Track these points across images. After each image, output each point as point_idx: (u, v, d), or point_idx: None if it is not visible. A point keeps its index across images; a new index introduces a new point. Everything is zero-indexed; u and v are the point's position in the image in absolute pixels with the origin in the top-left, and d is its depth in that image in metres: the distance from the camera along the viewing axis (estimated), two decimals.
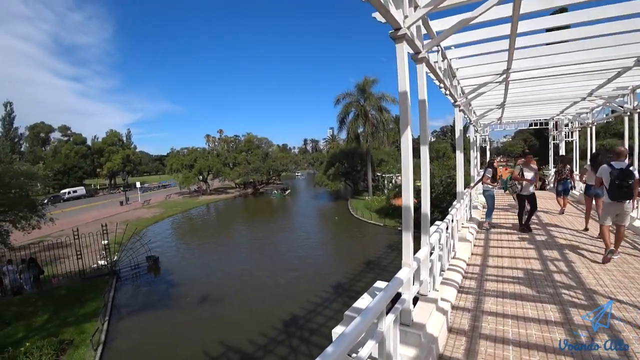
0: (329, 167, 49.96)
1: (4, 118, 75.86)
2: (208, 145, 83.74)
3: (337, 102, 43.52)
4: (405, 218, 3.92)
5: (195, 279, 18.82)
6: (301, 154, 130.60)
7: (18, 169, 13.39)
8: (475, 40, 6.66)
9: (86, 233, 20.20)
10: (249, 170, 61.23)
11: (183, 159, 62.79)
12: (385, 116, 42.43)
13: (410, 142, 3.88)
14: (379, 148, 49.84)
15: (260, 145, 73.98)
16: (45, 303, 15.03)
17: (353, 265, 19.36)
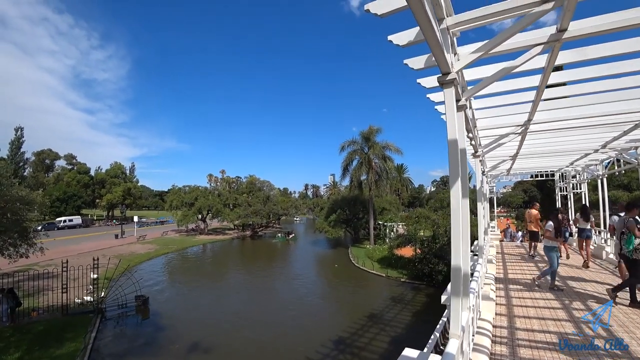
0: (330, 214, 49.36)
1: (12, 142, 76.73)
2: (210, 184, 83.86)
3: (342, 149, 44.15)
4: (455, 281, 3.47)
5: (186, 324, 17.56)
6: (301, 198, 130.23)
7: (16, 194, 12.93)
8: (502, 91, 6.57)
9: (76, 265, 19.30)
10: (249, 212, 60.49)
11: (184, 197, 62.33)
12: (388, 165, 42.72)
13: (460, 195, 3.52)
14: (381, 196, 49.60)
15: (262, 187, 73.85)
16: (20, 339, 13.89)
17: (354, 317, 18.17)
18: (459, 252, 3.47)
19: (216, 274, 31.83)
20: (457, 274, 3.46)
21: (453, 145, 3.59)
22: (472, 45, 4.63)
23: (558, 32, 3.86)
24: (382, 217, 46.58)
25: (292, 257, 42.80)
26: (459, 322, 3.40)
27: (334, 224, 46.80)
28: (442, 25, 3.67)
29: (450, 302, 4.64)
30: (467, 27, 3.90)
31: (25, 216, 13.39)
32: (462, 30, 4.01)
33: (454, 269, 3.53)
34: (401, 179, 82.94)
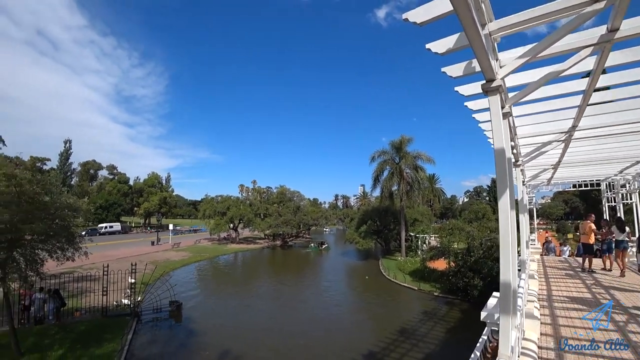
0: (360, 224, 48.92)
1: (61, 153, 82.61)
2: (241, 194, 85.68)
3: (372, 159, 43.78)
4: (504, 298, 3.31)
5: (216, 331, 17.76)
6: (331, 209, 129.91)
7: (64, 201, 13.68)
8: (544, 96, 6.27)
9: (115, 269, 20.17)
10: (280, 222, 61.02)
11: (216, 206, 63.83)
12: (420, 175, 41.77)
13: (509, 207, 3.36)
14: (412, 207, 48.61)
15: (292, 198, 74.50)
16: (64, 337, 14.66)
17: (385, 331, 17.69)
18: (508, 267, 3.29)
19: (247, 282, 32.16)
20: (507, 290, 3.28)
21: (500, 154, 3.47)
22: (513, 51, 4.47)
23: (609, 33, 3.65)
24: (413, 229, 45.53)
25: (322, 267, 42.56)
26: (508, 342, 3.21)
27: (365, 235, 46.29)
28: (484, 31, 3.57)
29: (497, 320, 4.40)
30: (509, 32, 3.78)
31: (72, 222, 14.10)
32: (503, 36, 3.90)
33: (503, 284, 3.34)
34: (433, 189, 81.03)
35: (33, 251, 12.49)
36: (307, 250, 57.56)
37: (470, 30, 2.78)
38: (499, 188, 3.50)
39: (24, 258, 12.14)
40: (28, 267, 12.12)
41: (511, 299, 3.36)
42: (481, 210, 31.75)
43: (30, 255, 12.32)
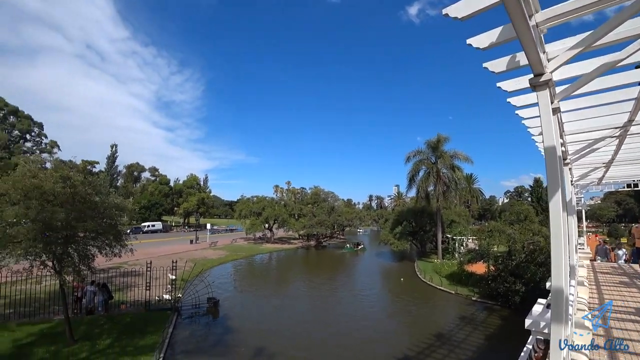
0: (395, 226, 48.16)
1: (108, 157, 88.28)
2: (276, 195, 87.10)
3: (407, 159, 42.93)
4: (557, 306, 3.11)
5: (252, 328, 18.12)
6: (365, 209, 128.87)
7: (112, 201, 14.50)
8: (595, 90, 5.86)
9: (157, 266, 21.11)
10: (314, 222, 61.35)
11: (252, 206, 65.22)
12: (457, 175, 40.42)
13: (561, 208, 3.17)
14: (449, 208, 47.24)
15: (327, 199, 74.63)
16: (111, 327, 15.58)
17: (421, 335, 17.28)
18: (560, 273, 3.09)
19: (281, 282, 32.60)
20: (559, 298, 3.08)
21: (550, 152, 3.29)
22: (560, 43, 4.19)
23: None
24: (450, 230, 44.26)
25: (356, 268, 42.35)
26: (560, 354, 3.04)
27: (400, 236, 45.50)
28: (531, 22, 3.41)
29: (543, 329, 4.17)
30: (556, 23, 3.55)
31: (119, 221, 14.93)
32: (550, 27, 3.68)
33: (555, 291, 3.15)
34: (471, 189, 78.04)
35: (85, 247, 13.31)
36: (343, 250, 57.50)
37: (519, 22, 2.67)
38: (550, 188, 3.31)
39: (77, 253, 12.97)
40: (81, 262, 12.93)
41: (564, 308, 3.15)
42: (523, 211, 30.04)
43: (83, 251, 13.14)
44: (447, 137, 40.62)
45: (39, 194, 11.88)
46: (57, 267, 12.57)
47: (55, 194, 12.16)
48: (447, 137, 40.62)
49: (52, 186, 12.06)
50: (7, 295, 16.91)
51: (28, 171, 12.47)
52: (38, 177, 12.15)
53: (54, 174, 12.56)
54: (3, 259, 11.54)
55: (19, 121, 69.24)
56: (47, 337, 14.01)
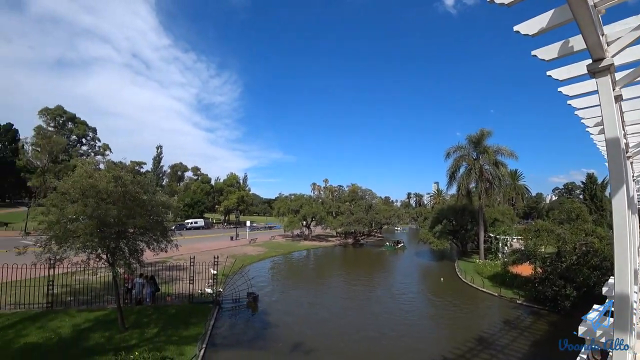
0: (435, 224, 46.93)
1: (154, 158, 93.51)
2: (313, 193, 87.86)
3: (447, 155, 41.45)
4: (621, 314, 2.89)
5: (290, 324, 18.50)
6: (404, 207, 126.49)
7: (158, 199, 15.35)
8: None
9: (200, 261, 22.05)
10: (352, 220, 61.25)
11: (290, 204, 66.18)
12: (501, 171, 38.27)
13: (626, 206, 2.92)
14: (492, 206, 45.31)
15: (364, 196, 74.21)
16: (158, 317, 16.59)
17: (461, 338, 16.76)
18: (625, 277, 2.83)
19: (319, 279, 32.92)
20: (623, 304, 2.85)
21: (613, 145, 3.04)
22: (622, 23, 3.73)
23: None
24: (493, 229, 42.39)
25: (394, 267, 41.85)
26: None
27: (439, 235, 44.29)
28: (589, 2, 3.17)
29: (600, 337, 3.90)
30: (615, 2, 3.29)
31: (165, 218, 15.77)
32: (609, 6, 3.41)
33: (619, 298, 2.92)
34: (515, 186, 74.02)
35: (135, 242, 14.26)
36: (382, 248, 57.03)
37: (576, 3, 2.51)
38: (613, 184, 3.08)
39: (127, 248, 13.93)
40: (131, 256, 13.89)
41: (629, 316, 2.91)
42: (575, 210, 27.91)
43: (133, 246, 14.10)
44: (490, 132, 38.79)
45: (94, 193, 12.86)
46: (110, 260, 13.59)
47: (108, 193, 13.11)
48: (490, 132, 38.79)
49: (106, 185, 13.01)
50: (67, 285, 18.68)
51: (85, 172, 13.53)
52: (93, 177, 13.16)
53: (107, 174, 13.54)
54: (64, 252, 12.61)
55: (76, 127, 75.63)
56: (101, 324, 15.18)
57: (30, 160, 57.48)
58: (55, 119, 72.68)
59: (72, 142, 75.34)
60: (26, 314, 15.85)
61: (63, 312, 16.33)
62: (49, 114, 71.72)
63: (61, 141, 60.11)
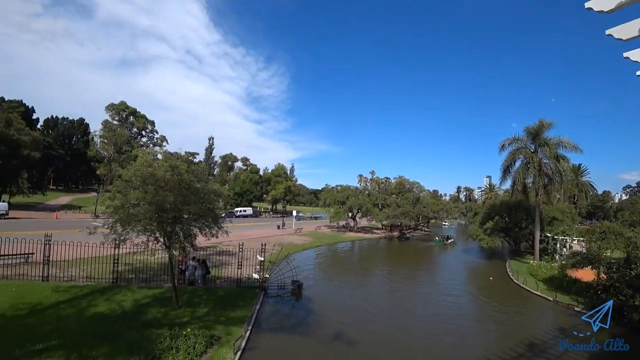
0: (486, 220, 44.80)
1: (207, 148, 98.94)
2: (360, 184, 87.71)
3: (502, 148, 38.86)
4: None
5: (332, 313, 18.74)
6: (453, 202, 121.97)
7: (210, 188, 16.24)
8: None
9: (248, 248, 23.06)
10: (398, 213, 60.40)
11: (336, 195, 66.59)
12: (562, 165, 35.15)
13: None
14: (551, 203, 42.23)
15: (412, 189, 72.76)
16: (208, 298, 17.72)
17: (510, 343, 15.61)
18: None
19: (363, 271, 33.02)
20: None
21: None
22: None
23: None
24: (551, 229, 39.50)
25: (440, 263, 40.84)
26: None
27: (490, 232, 42.21)
28: None
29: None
30: None
31: (216, 205, 16.69)
32: None
33: None
34: (578, 182, 67.90)
35: (189, 227, 15.29)
36: (431, 243, 55.85)
37: None
38: None
39: (182, 232, 14.96)
40: (185, 240, 14.92)
41: None
42: None
43: (187, 230, 15.13)
44: (551, 123, 35.67)
45: (153, 181, 13.94)
46: (166, 243, 14.71)
47: (165, 181, 14.13)
48: (551, 123, 35.67)
49: (163, 174, 14.02)
50: (130, 263, 20.85)
51: (145, 161, 14.68)
52: (152, 167, 14.25)
53: (164, 164, 14.58)
54: (127, 233, 13.89)
55: (137, 120, 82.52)
56: (158, 300, 16.57)
57: (99, 151, 63.25)
58: (119, 114, 79.70)
59: (134, 134, 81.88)
60: (95, 287, 17.76)
61: (126, 288, 18.08)
62: (114, 109, 78.84)
63: (124, 133, 65.32)
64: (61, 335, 11.99)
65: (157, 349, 11.20)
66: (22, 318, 13.38)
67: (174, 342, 11.59)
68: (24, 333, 11.95)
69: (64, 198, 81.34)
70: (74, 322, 13.33)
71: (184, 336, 12.05)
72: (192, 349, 11.40)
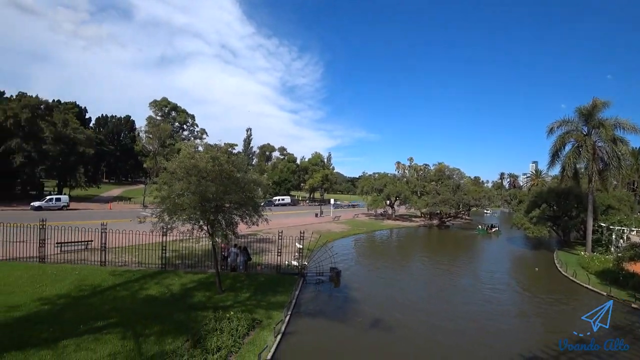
0: (532, 208, 42.49)
1: (245, 139, 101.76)
2: (397, 171, 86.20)
3: (550, 131, 35.97)
4: None
5: (370, 301, 18.78)
6: (496, 189, 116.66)
7: (250, 177, 16.74)
8: None
9: (287, 235, 23.62)
10: (438, 200, 58.96)
11: (373, 183, 66.13)
12: (621, 149, 31.94)
13: None
14: (606, 190, 39.09)
15: (452, 176, 70.55)
16: (249, 284, 18.46)
17: (554, 337, 14.13)
18: None
19: (401, 259, 32.76)
20: None
21: None
22: None
23: None
24: (605, 218, 36.64)
25: (482, 252, 39.57)
26: None
27: (537, 221, 40.06)
28: None
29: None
30: None
31: (256, 194, 17.21)
32: None
33: None
34: (639, 168, 62.22)
35: (230, 215, 15.98)
36: (474, 232, 54.27)
37: None
38: None
39: (224, 220, 15.68)
40: (227, 227, 15.64)
41: None
42: None
43: (229, 219, 15.84)
44: (606, 102, 32.36)
45: (196, 172, 14.62)
46: (210, 231, 15.45)
47: (207, 172, 14.76)
48: (606, 102, 32.36)
49: (205, 165, 14.65)
50: (176, 250, 22.26)
51: (188, 154, 15.41)
52: (195, 158, 14.93)
53: (206, 155, 15.20)
54: (174, 222, 14.73)
55: (178, 115, 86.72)
56: (203, 285, 17.51)
57: (145, 146, 66.77)
58: (162, 109, 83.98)
59: (176, 128, 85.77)
60: (146, 272, 19.03)
61: (173, 273, 19.26)
62: (157, 105, 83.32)
63: (167, 128, 68.57)
64: (118, 314, 13.08)
65: (202, 330, 11.91)
66: (85, 298, 14.72)
67: (218, 324, 12.30)
68: (86, 311, 13.21)
69: (116, 190, 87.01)
70: (129, 303, 14.46)
71: (228, 319, 12.73)
72: (235, 331, 12.00)
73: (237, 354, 10.94)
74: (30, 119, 50.37)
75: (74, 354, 9.99)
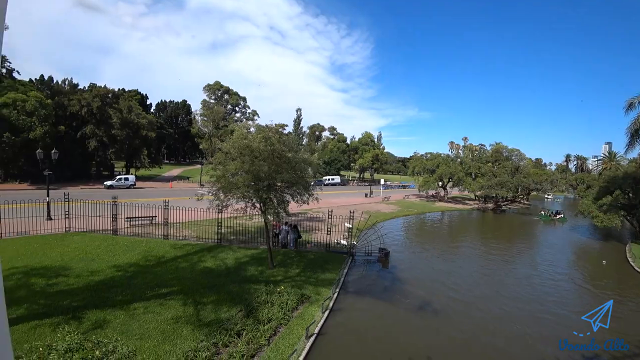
0: (603, 194, 38.50)
1: (295, 120, 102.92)
2: (451, 152, 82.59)
3: (629, 107, 31.49)
4: None
5: (418, 283, 18.63)
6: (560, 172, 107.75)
7: (301, 157, 17.01)
8: None
9: (336, 215, 23.88)
10: (494, 183, 55.83)
11: (425, 163, 64.15)
12: None
13: None
14: None
15: (510, 157, 66.28)
16: (299, 261, 19.12)
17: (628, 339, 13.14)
18: None
19: (452, 243, 31.77)
20: None
21: None
22: None
23: None
24: None
25: (542, 241, 37.00)
26: None
27: (608, 209, 36.28)
28: None
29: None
30: None
31: (306, 174, 17.51)
32: None
33: None
34: None
35: (282, 194, 16.47)
36: (534, 217, 51.05)
37: None
38: None
39: (276, 199, 16.19)
40: (279, 206, 16.11)
41: None
42: None
43: (280, 197, 16.32)
44: None
45: (249, 152, 15.14)
46: (262, 209, 16.09)
47: (260, 152, 15.21)
48: None
49: (257, 145, 15.10)
50: (231, 226, 23.40)
51: (241, 135, 15.97)
52: (248, 139, 15.43)
53: (258, 136, 15.64)
54: (228, 200, 15.58)
55: (230, 97, 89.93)
56: (255, 260, 18.44)
57: (200, 128, 70.67)
58: (215, 92, 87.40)
59: (229, 111, 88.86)
60: (204, 246, 20.39)
61: (228, 247, 20.45)
62: (210, 89, 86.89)
63: (221, 110, 71.40)
64: (179, 283, 14.32)
65: (255, 302, 12.65)
66: (151, 267, 16.23)
67: (269, 297, 13.00)
68: (153, 279, 14.65)
69: (175, 170, 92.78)
70: (189, 273, 15.70)
71: (278, 293, 13.39)
72: (285, 305, 12.61)
73: (286, 326, 11.53)
74: (100, 107, 56.36)
75: (142, 316, 11.19)
